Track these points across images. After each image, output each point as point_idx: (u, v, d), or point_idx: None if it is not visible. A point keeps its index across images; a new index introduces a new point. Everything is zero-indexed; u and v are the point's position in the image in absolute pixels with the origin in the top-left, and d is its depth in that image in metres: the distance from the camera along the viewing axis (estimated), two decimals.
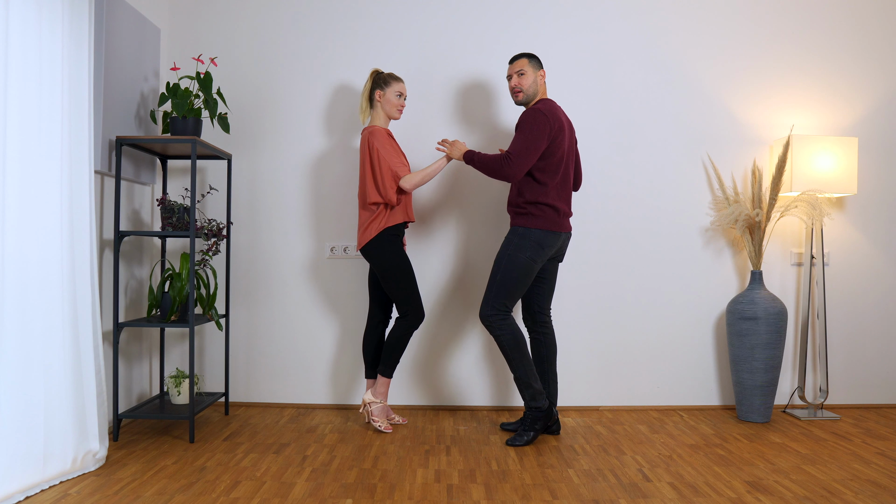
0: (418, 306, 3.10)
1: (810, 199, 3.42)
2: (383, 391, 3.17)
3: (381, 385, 3.17)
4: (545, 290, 3.13)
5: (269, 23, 3.62)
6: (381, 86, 3.16)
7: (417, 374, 3.62)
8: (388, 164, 3.02)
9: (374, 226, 3.05)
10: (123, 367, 3.21)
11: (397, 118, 3.20)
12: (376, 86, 3.17)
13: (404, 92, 3.18)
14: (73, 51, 2.56)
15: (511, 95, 3.14)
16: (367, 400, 3.18)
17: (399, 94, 3.16)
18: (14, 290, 2.27)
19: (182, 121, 3.03)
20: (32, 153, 2.35)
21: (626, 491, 2.42)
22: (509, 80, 3.08)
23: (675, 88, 3.66)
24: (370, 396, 3.17)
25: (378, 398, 3.17)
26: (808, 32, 3.70)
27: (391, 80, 3.15)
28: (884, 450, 2.94)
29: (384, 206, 3.06)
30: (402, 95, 3.17)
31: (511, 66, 3.07)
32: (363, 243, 3.07)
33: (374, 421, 3.14)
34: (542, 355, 3.12)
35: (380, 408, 3.18)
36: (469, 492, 2.39)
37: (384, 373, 3.14)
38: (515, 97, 3.06)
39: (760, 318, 3.33)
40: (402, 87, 3.17)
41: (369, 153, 3.06)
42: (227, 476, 2.53)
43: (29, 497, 2.29)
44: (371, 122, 3.19)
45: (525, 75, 3.02)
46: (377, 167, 3.03)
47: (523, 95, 3.03)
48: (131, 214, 3.25)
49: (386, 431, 3.12)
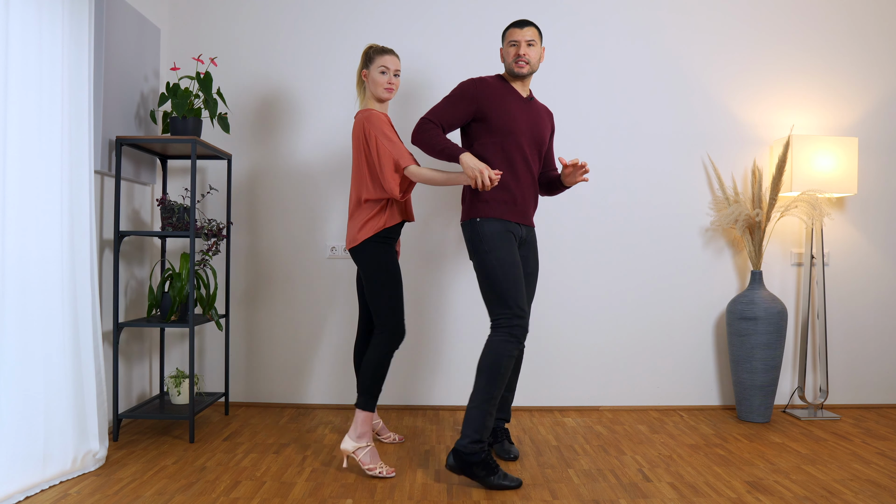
0: (400, 322, 2.62)
1: (810, 199, 3.42)
2: (366, 430, 2.57)
3: (362, 424, 2.57)
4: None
5: (269, 23, 3.62)
6: (366, 63, 2.72)
7: (418, 374, 3.62)
8: (387, 152, 2.56)
9: (371, 224, 2.63)
10: (123, 367, 3.21)
11: (385, 98, 2.71)
12: (363, 64, 2.74)
13: (391, 66, 2.68)
14: (73, 51, 2.56)
15: (510, 65, 2.66)
16: (349, 450, 2.55)
17: (383, 69, 2.68)
18: (14, 291, 2.27)
19: (182, 121, 3.03)
20: (32, 153, 2.35)
21: (626, 491, 2.42)
22: (514, 46, 2.64)
23: (675, 88, 3.66)
24: (351, 444, 2.56)
25: (362, 441, 2.56)
26: (808, 33, 3.70)
27: (374, 55, 2.69)
28: (884, 450, 2.94)
29: (384, 203, 2.65)
30: (389, 71, 2.68)
31: (520, 31, 2.63)
32: (355, 242, 2.63)
33: (369, 471, 2.53)
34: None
35: (369, 452, 2.57)
36: (469, 492, 2.39)
37: (364, 405, 2.58)
38: (519, 68, 2.63)
39: (760, 318, 3.33)
40: (387, 61, 2.68)
41: (365, 140, 2.62)
42: (227, 476, 2.53)
43: (29, 497, 2.29)
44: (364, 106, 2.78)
45: (534, 46, 2.64)
46: (375, 156, 2.58)
47: (528, 68, 2.64)
48: (131, 214, 3.25)
49: (389, 476, 2.54)
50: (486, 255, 2.53)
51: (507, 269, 2.50)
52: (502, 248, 2.53)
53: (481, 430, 2.43)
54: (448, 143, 2.51)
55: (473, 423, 2.44)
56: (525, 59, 2.63)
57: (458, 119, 2.62)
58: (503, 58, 2.71)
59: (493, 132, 2.60)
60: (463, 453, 2.42)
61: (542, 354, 3.63)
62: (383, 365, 2.60)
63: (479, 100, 2.60)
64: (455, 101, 2.61)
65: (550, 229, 3.63)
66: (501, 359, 2.45)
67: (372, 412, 2.59)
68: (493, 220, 2.56)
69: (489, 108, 2.60)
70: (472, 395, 2.48)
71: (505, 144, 2.60)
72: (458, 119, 2.61)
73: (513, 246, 2.56)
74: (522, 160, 2.64)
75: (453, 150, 2.49)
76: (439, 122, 2.60)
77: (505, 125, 2.60)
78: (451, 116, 2.61)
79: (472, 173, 2.40)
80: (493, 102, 2.61)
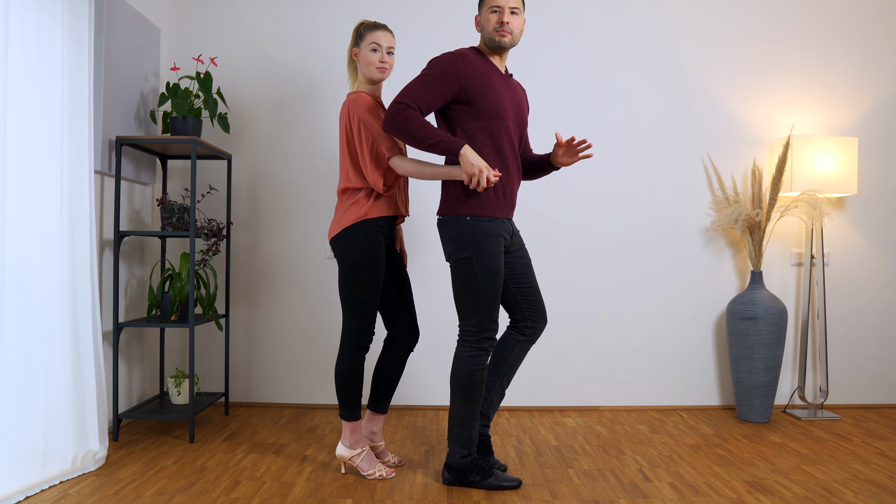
0: (363, 332, 2.44)
1: (810, 199, 3.42)
2: (357, 437, 2.51)
3: (352, 433, 2.50)
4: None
5: (269, 23, 3.62)
6: (357, 41, 2.50)
7: (418, 374, 3.62)
8: (370, 139, 2.40)
9: (351, 212, 2.42)
10: (123, 367, 3.21)
11: (377, 78, 2.48)
12: (353, 42, 2.53)
13: (383, 43, 2.45)
14: (73, 51, 2.56)
15: (490, 34, 2.36)
16: (346, 457, 2.51)
17: (374, 47, 2.44)
18: (14, 291, 2.26)
19: (182, 121, 3.03)
20: (32, 153, 2.35)
21: (626, 491, 2.42)
22: (496, 13, 2.34)
23: (675, 88, 3.66)
24: (346, 452, 2.51)
25: (357, 448, 2.51)
26: (808, 33, 3.70)
27: (365, 32, 2.47)
28: (884, 450, 2.94)
29: (366, 192, 2.44)
30: (382, 48, 2.45)
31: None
32: (335, 232, 2.43)
33: (368, 476, 2.49)
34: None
35: (365, 457, 2.51)
36: (469, 492, 2.39)
37: (347, 416, 2.49)
38: (500, 38, 2.34)
39: (760, 318, 3.33)
40: (378, 37, 2.45)
41: (349, 125, 2.43)
42: (227, 476, 2.53)
43: (29, 497, 2.29)
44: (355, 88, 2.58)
45: (517, 15, 2.37)
46: (358, 143, 2.41)
47: (510, 38, 2.36)
48: (131, 214, 3.25)
49: (389, 477, 2.51)
50: (470, 260, 2.30)
51: (489, 281, 2.31)
52: (489, 256, 2.31)
53: (468, 444, 2.39)
54: (442, 134, 2.22)
55: (459, 440, 2.39)
56: (508, 29, 2.34)
57: (439, 101, 2.29)
58: (480, 26, 2.40)
59: (479, 117, 2.31)
60: (455, 467, 2.42)
61: (542, 354, 3.63)
62: (353, 377, 2.46)
63: (462, 78, 2.29)
64: (434, 81, 2.27)
65: (550, 229, 3.63)
66: (473, 374, 2.35)
67: (358, 420, 2.50)
68: (483, 220, 2.32)
69: (474, 87, 2.30)
70: (451, 413, 2.39)
71: (493, 130, 2.33)
72: (438, 101, 2.29)
73: (500, 253, 2.34)
74: (510, 147, 2.38)
75: (451, 144, 2.22)
76: (417, 106, 2.26)
77: (492, 107, 2.32)
78: (430, 99, 2.27)
79: (471, 170, 2.20)
80: (478, 81, 2.31)
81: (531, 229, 3.62)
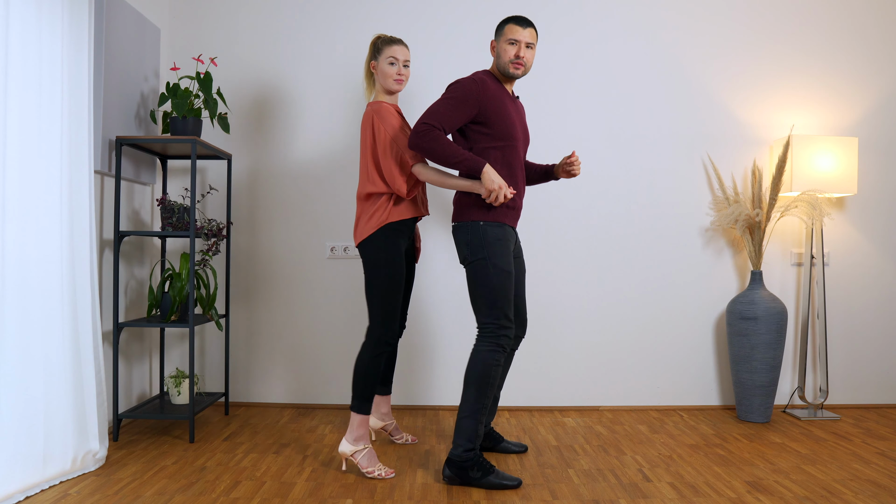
0: (388, 331, 2.57)
1: (810, 199, 3.42)
2: (362, 433, 2.57)
3: (358, 427, 2.57)
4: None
5: (269, 22, 3.62)
6: (374, 55, 2.68)
7: (418, 374, 3.62)
8: (395, 147, 2.54)
9: (376, 217, 2.57)
10: (123, 367, 3.21)
11: (395, 90, 2.66)
12: (371, 56, 2.70)
13: (400, 57, 2.63)
14: (73, 51, 2.56)
15: (505, 64, 2.55)
16: (347, 453, 2.57)
17: (392, 60, 2.63)
18: (14, 291, 2.27)
19: (182, 121, 3.03)
20: (32, 153, 2.35)
21: (626, 491, 2.42)
22: (514, 45, 2.52)
23: (675, 88, 3.66)
24: (348, 448, 2.57)
25: (359, 444, 2.57)
26: (808, 33, 3.70)
27: (382, 46, 2.65)
28: (884, 450, 2.94)
29: (388, 196, 2.59)
30: (399, 62, 2.64)
31: (522, 30, 2.52)
32: (362, 237, 2.58)
33: (367, 473, 2.54)
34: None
35: (367, 454, 2.57)
36: (469, 491, 2.39)
37: (358, 409, 2.56)
38: (514, 70, 2.54)
39: (760, 318, 3.33)
40: (395, 52, 2.63)
41: (372, 133, 2.58)
42: (227, 476, 2.53)
43: (29, 497, 2.29)
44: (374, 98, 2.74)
45: (531, 49, 2.56)
46: (382, 151, 2.55)
47: (523, 70, 2.56)
48: (131, 214, 3.25)
49: (388, 477, 2.55)
50: (484, 261, 2.48)
51: (502, 278, 2.48)
52: (501, 256, 2.49)
53: (473, 439, 2.46)
54: (466, 153, 2.41)
55: (466, 433, 2.46)
56: (522, 62, 2.53)
57: (460, 122, 2.49)
58: (496, 53, 2.58)
59: (494, 138, 2.52)
60: (457, 462, 2.45)
61: (542, 354, 3.63)
62: (370, 370, 2.56)
63: (481, 103, 2.50)
64: (458, 105, 2.47)
65: (550, 229, 3.63)
66: (489, 369, 2.46)
67: (367, 415, 2.57)
68: (495, 225, 2.51)
69: (490, 111, 2.51)
70: (462, 405, 2.48)
71: (506, 151, 2.54)
72: (459, 122, 2.49)
73: (510, 254, 2.53)
74: (519, 165, 2.60)
75: (474, 164, 2.41)
76: (441, 127, 2.44)
77: (506, 130, 2.53)
78: (454, 120, 2.47)
79: (491, 186, 2.39)
80: (494, 106, 2.52)
81: (531, 229, 3.63)
